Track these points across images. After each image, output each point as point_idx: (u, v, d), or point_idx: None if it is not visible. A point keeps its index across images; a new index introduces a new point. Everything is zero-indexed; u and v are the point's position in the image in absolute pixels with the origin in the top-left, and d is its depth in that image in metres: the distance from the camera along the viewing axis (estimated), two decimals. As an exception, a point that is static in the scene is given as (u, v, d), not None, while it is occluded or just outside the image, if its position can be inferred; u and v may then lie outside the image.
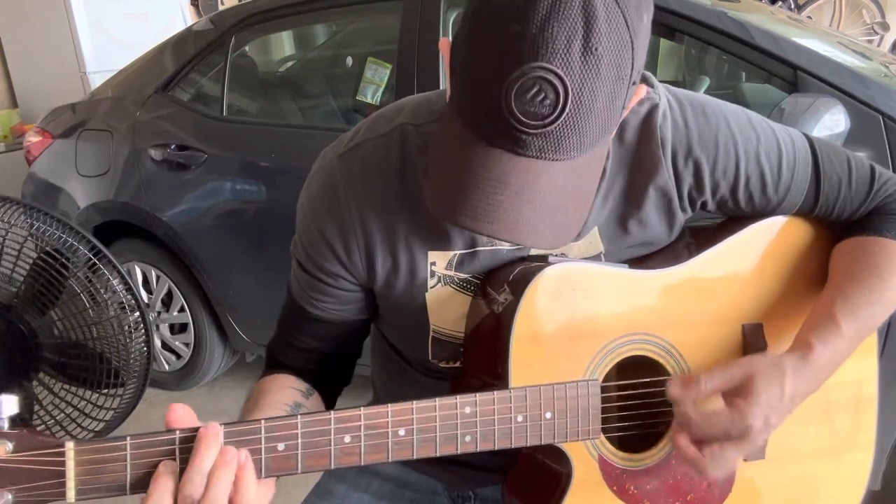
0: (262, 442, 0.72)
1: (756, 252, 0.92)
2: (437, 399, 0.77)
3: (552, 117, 0.64)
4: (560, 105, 0.64)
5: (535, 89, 0.63)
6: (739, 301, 0.91)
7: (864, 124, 1.61)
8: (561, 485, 0.85)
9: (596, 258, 0.90)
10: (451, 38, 0.74)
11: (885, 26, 6.00)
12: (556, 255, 0.88)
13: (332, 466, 0.75)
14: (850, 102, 1.64)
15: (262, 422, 0.72)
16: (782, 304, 0.92)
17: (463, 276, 0.88)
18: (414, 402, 0.76)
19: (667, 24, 1.88)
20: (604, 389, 0.84)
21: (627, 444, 0.89)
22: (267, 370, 0.98)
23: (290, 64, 3.26)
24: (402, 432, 0.76)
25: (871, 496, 1.70)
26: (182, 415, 0.71)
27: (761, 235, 0.93)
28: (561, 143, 0.66)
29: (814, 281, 0.92)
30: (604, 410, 0.84)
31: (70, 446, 0.67)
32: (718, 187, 0.88)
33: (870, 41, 5.80)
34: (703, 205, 0.90)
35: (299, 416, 0.73)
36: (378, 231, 0.86)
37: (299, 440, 0.73)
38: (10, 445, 0.67)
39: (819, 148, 0.91)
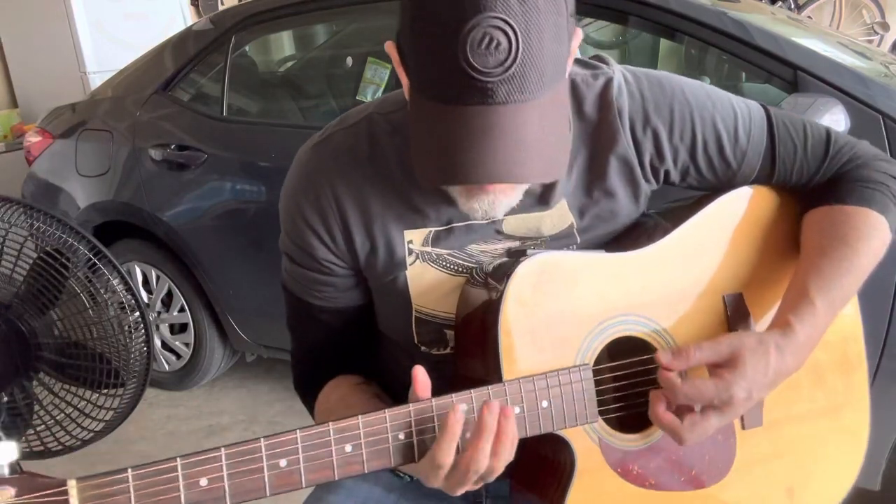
0: (264, 460, 0.72)
1: (728, 224, 0.95)
2: (433, 399, 0.77)
3: (510, 60, 0.69)
4: (514, 47, 0.69)
5: (486, 39, 0.68)
6: (717, 273, 0.94)
7: (864, 124, 1.61)
8: (566, 473, 0.86)
9: (569, 231, 0.93)
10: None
11: (885, 26, 6.00)
12: (533, 249, 0.91)
13: (337, 477, 0.75)
14: (850, 102, 1.64)
15: (262, 440, 0.72)
16: (759, 273, 0.95)
17: (440, 251, 0.92)
18: (411, 405, 0.77)
19: (667, 24, 1.88)
20: (596, 373, 0.86)
21: (627, 425, 0.90)
22: (312, 395, 1.01)
23: (290, 64, 3.25)
24: (401, 436, 0.76)
25: (872, 496, 1.70)
26: (424, 380, 0.78)
27: (731, 208, 0.96)
28: (524, 83, 0.70)
29: (786, 248, 0.96)
30: (599, 394, 0.85)
31: (72, 484, 0.67)
32: (678, 153, 0.92)
33: (870, 41, 5.79)
34: (667, 175, 0.94)
35: (298, 431, 0.73)
36: (353, 212, 0.90)
37: (300, 454, 0.73)
38: (11, 491, 0.66)
39: (774, 114, 0.95)
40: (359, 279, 0.96)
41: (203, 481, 0.70)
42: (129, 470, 0.68)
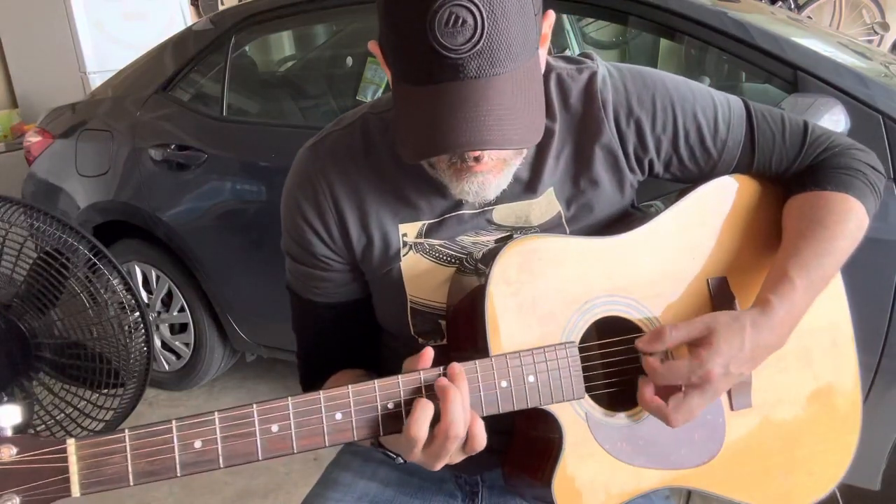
0: (256, 425, 0.74)
1: (713, 211, 0.98)
2: (421, 371, 0.79)
3: (477, 35, 0.73)
4: (479, 23, 0.73)
5: (452, 18, 0.72)
6: (702, 258, 0.96)
7: (864, 124, 1.61)
8: (554, 450, 0.87)
9: (557, 220, 0.95)
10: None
11: (885, 26, 6.00)
12: (518, 233, 0.93)
13: (327, 444, 0.77)
14: (850, 102, 1.64)
15: (255, 405, 0.75)
16: (743, 258, 0.97)
17: (432, 241, 0.95)
18: (399, 375, 0.79)
19: (667, 24, 1.89)
20: (582, 350, 0.87)
21: (615, 403, 0.91)
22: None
23: (290, 64, 3.25)
24: (390, 405, 0.79)
25: (872, 496, 1.70)
26: (428, 357, 0.80)
27: (716, 195, 0.98)
28: (494, 57, 0.74)
29: (768, 233, 0.98)
30: (587, 370, 0.87)
31: (71, 442, 0.70)
32: (661, 144, 0.95)
33: (870, 41, 5.79)
34: (651, 165, 0.97)
35: (290, 398, 0.76)
36: (349, 208, 0.94)
37: (291, 420, 0.75)
38: (14, 449, 0.69)
39: (753, 106, 0.99)
40: (356, 274, 0.99)
41: (197, 443, 0.73)
42: (126, 430, 0.71)
